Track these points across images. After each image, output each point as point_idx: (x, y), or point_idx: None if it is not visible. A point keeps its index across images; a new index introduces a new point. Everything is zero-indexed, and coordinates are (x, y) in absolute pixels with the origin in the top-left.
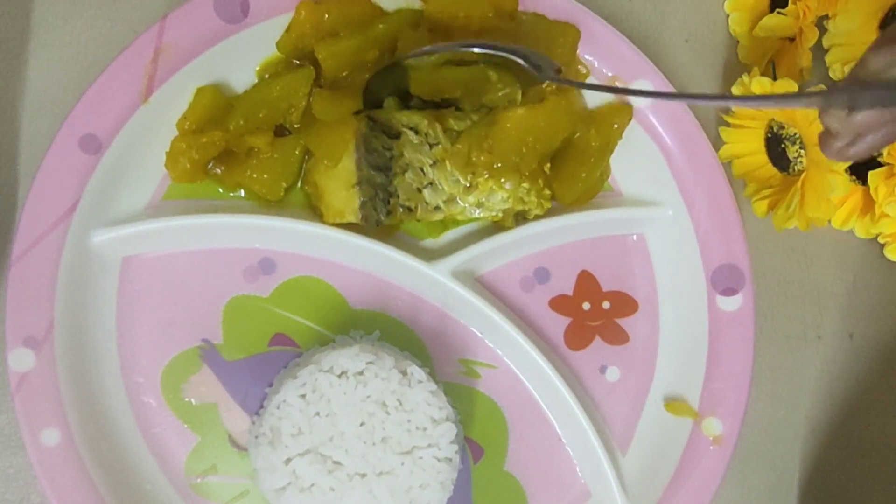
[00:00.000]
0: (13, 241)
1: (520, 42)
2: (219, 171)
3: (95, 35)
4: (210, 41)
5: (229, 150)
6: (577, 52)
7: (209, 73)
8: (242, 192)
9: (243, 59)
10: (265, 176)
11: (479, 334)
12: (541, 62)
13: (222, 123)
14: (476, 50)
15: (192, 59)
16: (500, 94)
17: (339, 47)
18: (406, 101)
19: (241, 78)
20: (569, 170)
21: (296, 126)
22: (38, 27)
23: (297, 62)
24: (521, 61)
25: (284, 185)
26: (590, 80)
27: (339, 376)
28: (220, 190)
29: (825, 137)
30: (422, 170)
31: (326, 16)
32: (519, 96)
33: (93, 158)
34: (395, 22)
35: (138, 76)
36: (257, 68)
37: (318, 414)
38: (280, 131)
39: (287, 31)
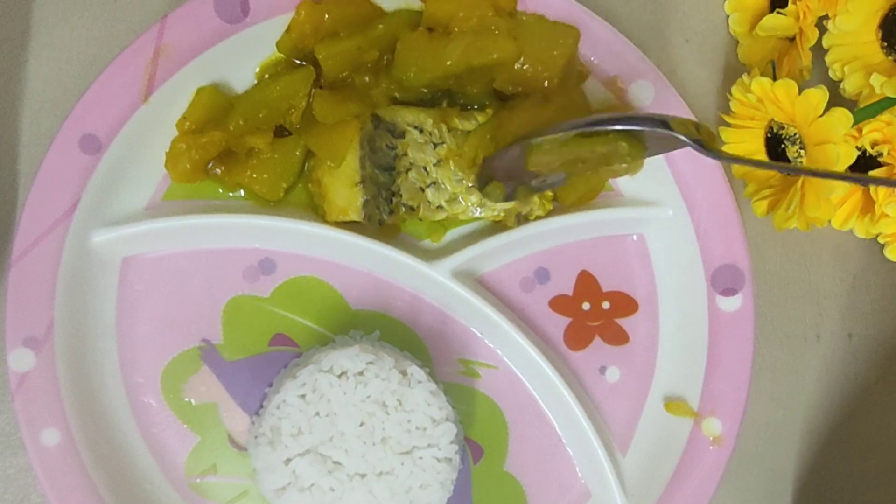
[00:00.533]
0: (13, 241)
1: (520, 41)
2: (219, 171)
3: (95, 35)
4: (210, 41)
5: (229, 150)
6: (578, 52)
7: (209, 73)
8: (242, 193)
9: (243, 59)
10: (265, 176)
11: (479, 334)
12: (692, 132)
13: (222, 123)
14: (619, 128)
15: (192, 59)
16: (625, 164)
17: (339, 48)
18: (521, 178)
19: (241, 78)
20: None
21: (296, 126)
22: (38, 27)
23: (298, 62)
24: (685, 139)
25: (284, 185)
26: (590, 81)
27: (339, 376)
28: (220, 190)
29: None
30: (425, 169)
31: (326, 16)
32: (643, 164)
33: (93, 158)
34: (395, 22)
35: (138, 76)
36: (257, 69)
37: (317, 414)
38: (280, 131)
39: (287, 31)
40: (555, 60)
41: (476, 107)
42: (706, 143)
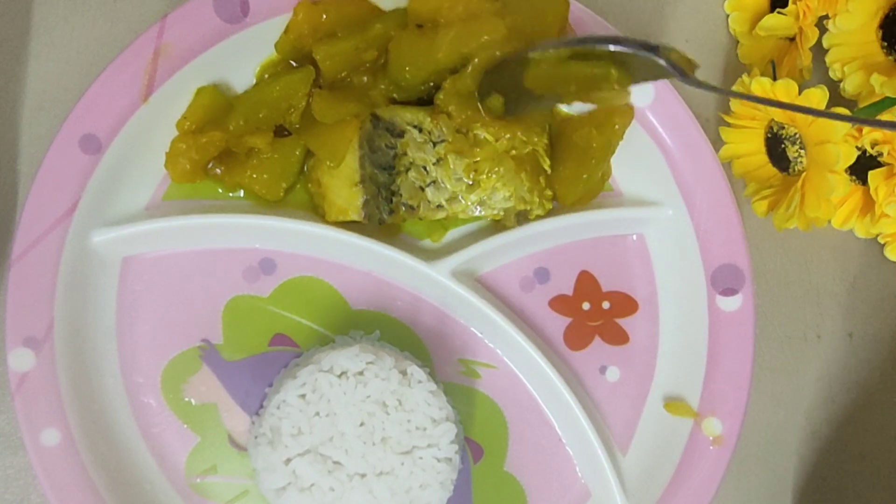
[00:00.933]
0: (13, 241)
1: (508, 18)
2: (218, 171)
3: (95, 35)
4: (210, 41)
5: (229, 150)
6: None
7: (209, 73)
8: (242, 193)
9: (243, 59)
10: (265, 176)
11: (479, 334)
12: (681, 63)
13: (222, 124)
14: (611, 48)
15: (192, 59)
16: (613, 92)
17: (336, 48)
18: (517, 95)
19: (241, 78)
20: (570, 171)
21: (296, 126)
22: (38, 27)
23: (296, 64)
24: (661, 62)
25: (284, 185)
26: None
27: (339, 376)
28: (220, 190)
29: None
30: (424, 168)
31: (324, 16)
32: (629, 96)
33: (93, 158)
34: (393, 21)
35: (138, 76)
36: (257, 69)
37: (317, 414)
38: (280, 131)
39: (285, 32)
40: (547, 30)
41: None
42: (687, 71)
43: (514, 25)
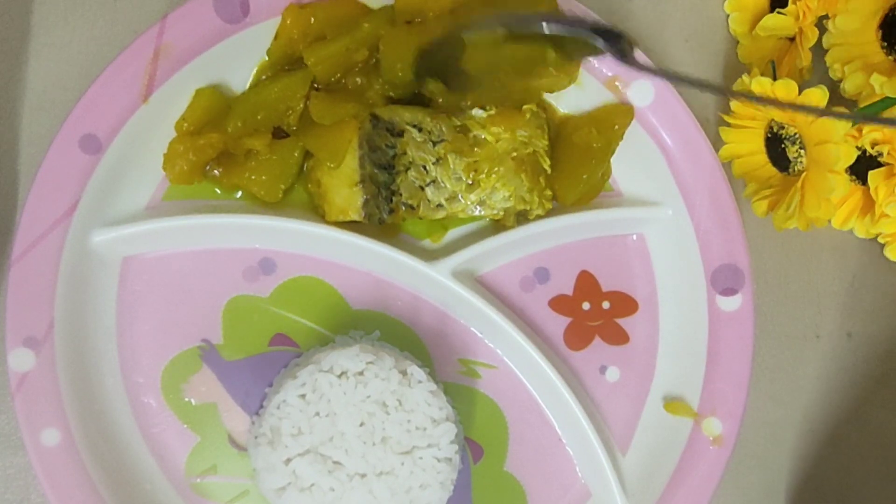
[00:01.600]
0: (13, 241)
1: (498, 3)
2: (217, 172)
3: (95, 35)
4: (210, 41)
5: (227, 151)
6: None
7: (209, 73)
8: (240, 194)
9: (243, 59)
10: (263, 178)
11: (479, 334)
12: (623, 45)
13: (220, 125)
14: (545, 25)
15: (192, 59)
16: (552, 77)
17: (327, 51)
18: (455, 78)
19: (241, 78)
20: (570, 171)
21: (293, 128)
22: (38, 27)
23: (288, 68)
24: (599, 43)
25: (283, 186)
26: (589, 80)
27: (339, 376)
28: (219, 191)
29: None
30: (424, 167)
31: (312, 19)
32: (568, 82)
33: (93, 158)
34: (381, 19)
35: (138, 76)
36: (255, 70)
37: (317, 414)
38: (278, 133)
39: (275, 38)
40: (539, 7)
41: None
42: (625, 51)
43: (503, 6)
